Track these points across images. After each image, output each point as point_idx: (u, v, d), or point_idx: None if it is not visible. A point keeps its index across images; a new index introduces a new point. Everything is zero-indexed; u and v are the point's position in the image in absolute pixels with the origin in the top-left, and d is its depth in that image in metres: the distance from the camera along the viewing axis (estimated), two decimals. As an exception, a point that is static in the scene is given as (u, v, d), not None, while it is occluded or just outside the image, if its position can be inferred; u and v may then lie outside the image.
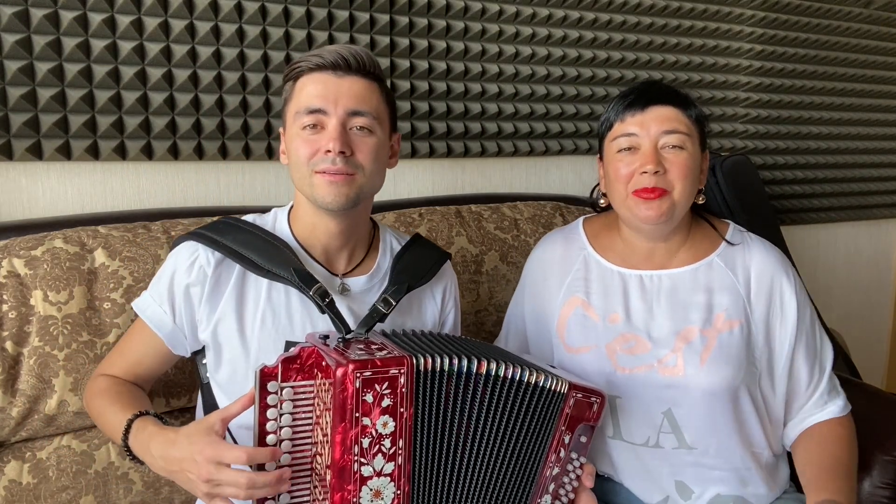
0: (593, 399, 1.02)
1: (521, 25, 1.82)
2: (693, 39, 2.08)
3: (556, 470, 1.00)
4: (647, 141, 1.14)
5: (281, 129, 1.12)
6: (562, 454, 1.00)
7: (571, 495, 1.03)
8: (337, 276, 1.11)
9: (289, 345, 1.05)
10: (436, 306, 1.21)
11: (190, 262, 1.06)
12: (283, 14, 1.54)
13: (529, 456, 0.99)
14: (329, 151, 1.00)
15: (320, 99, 1.02)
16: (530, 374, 0.98)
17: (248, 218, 1.15)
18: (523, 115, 1.88)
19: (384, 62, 1.66)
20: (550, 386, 0.98)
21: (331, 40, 1.60)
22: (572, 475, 1.03)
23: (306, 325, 1.07)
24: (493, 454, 0.96)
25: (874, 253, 2.68)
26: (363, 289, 1.12)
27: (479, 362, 0.94)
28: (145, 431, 0.96)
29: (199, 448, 0.87)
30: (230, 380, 1.07)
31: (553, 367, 1.09)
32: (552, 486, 1.00)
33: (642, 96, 1.16)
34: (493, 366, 0.95)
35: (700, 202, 1.20)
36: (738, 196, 1.94)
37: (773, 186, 2.33)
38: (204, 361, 1.11)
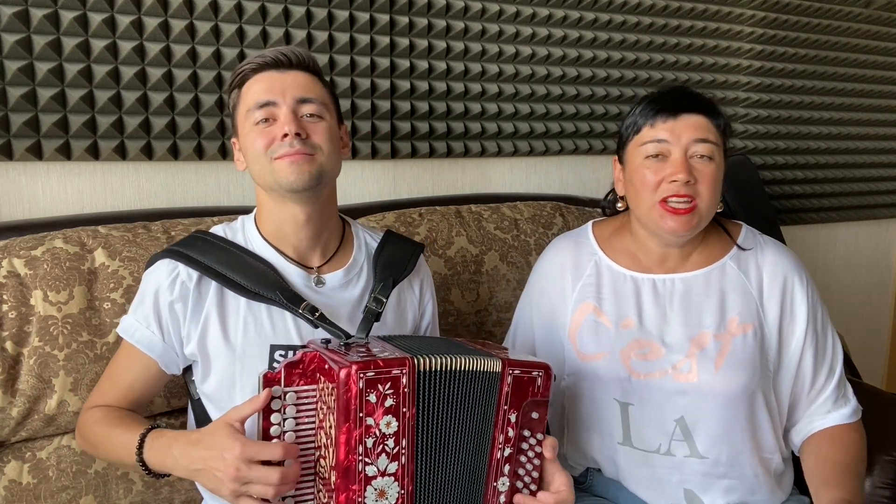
0: (535, 373, 0.98)
1: (521, 25, 1.82)
2: (693, 39, 2.08)
3: (509, 450, 0.98)
4: (678, 149, 1.12)
5: (233, 140, 1.13)
6: (510, 433, 0.98)
7: (535, 473, 1.01)
8: (311, 270, 1.11)
9: (273, 349, 1.06)
10: (415, 297, 1.22)
11: (171, 278, 1.06)
12: (283, 14, 1.54)
13: (480, 440, 0.97)
14: (286, 135, 1.02)
15: (268, 92, 1.04)
16: (476, 362, 0.96)
17: (219, 230, 1.14)
18: (523, 115, 1.88)
19: (384, 62, 1.67)
20: (486, 368, 0.96)
21: (331, 40, 1.60)
22: (530, 453, 1.00)
23: (289, 328, 1.07)
24: (461, 447, 0.96)
25: (874, 253, 2.68)
26: (341, 283, 1.13)
27: (457, 359, 0.94)
28: (163, 438, 0.96)
29: (229, 445, 0.86)
30: (219, 389, 1.07)
31: (504, 347, 1.08)
32: (507, 468, 0.98)
33: (673, 102, 1.14)
34: (464, 360, 0.95)
35: (719, 210, 1.18)
36: (738, 196, 1.94)
37: (773, 186, 2.33)
38: (193, 378, 1.11)
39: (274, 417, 0.89)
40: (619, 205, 1.25)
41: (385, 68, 1.67)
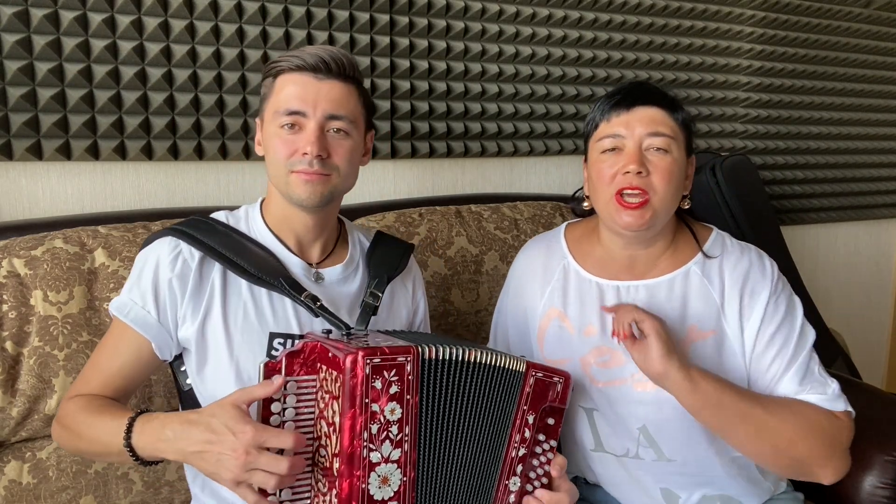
0: (556, 378, 1.02)
1: (521, 25, 1.82)
2: (693, 39, 2.08)
3: (523, 451, 1.00)
4: (632, 142, 1.11)
5: (258, 121, 1.12)
6: (526, 434, 1.00)
7: (545, 479, 1.02)
8: (311, 265, 1.13)
9: (273, 336, 1.05)
10: (408, 295, 1.24)
11: (173, 255, 1.04)
12: (283, 14, 1.54)
13: (494, 436, 0.99)
14: (306, 154, 1.02)
15: (300, 101, 1.03)
16: (496, 358, 0.99)
17: (220, 216, 1.13)
18: (523, 115, 1.88)
19: (384, 62, 1.67)
20: (509, 366, 0.99)
21: (331, 40, 1.60)
22: (542, 458, 1.02)
23: (289, 317, 1.07)
24: (469, 439, 0.97)
25: (874, 253, 2.68)
26: (339, 278, 1.14)
27: (466, 351, 0.96)
28: (155, 420, 0.92)
29: (241, 428, 0.82)
30: (214, 377, 1.04)
31: (523, 356, 1.09)
32: (520, 468, 1.00)
33: (628, 96, 1.14)
34: (477, 353, 0.97)
35: (685, 207, 1.17)
36: (738, 196, 1.94)
37: (773, 186, 2.33)
38: (183, 368, 1.07)
39: (274, 406, 0.89)
40: (585, 204, 1.23)
41: (385, 68, 1.67)
